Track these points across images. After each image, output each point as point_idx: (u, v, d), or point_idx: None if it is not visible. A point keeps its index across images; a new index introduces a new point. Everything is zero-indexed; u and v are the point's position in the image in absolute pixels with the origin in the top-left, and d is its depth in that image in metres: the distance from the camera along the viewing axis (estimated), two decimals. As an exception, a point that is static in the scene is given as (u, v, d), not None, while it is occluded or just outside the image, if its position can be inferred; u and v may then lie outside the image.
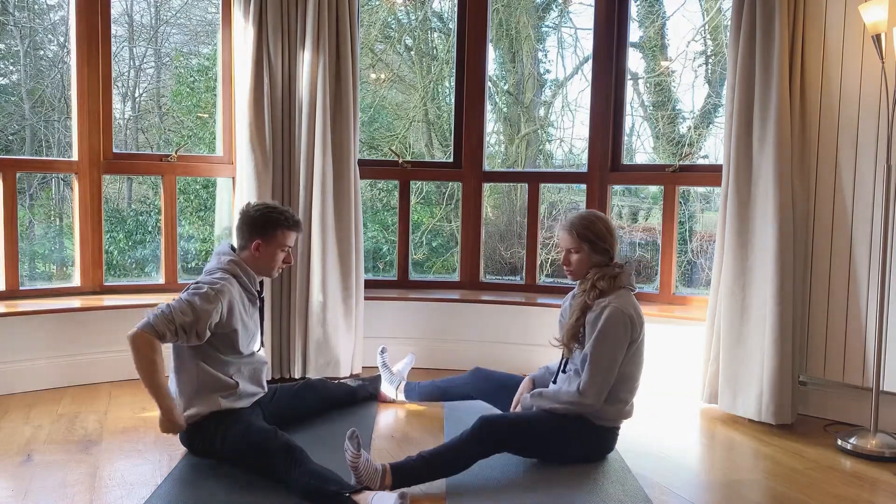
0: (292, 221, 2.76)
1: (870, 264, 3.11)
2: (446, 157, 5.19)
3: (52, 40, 5.72)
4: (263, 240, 2.71)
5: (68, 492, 2.38)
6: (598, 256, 2.71)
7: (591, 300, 2.65)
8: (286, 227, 2.73)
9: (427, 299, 4.07)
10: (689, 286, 5.47)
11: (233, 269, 2.68)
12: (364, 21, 6.11)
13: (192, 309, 2.50)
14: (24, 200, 5.47)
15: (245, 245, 2.74)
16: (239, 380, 2.68)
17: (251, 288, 2.74)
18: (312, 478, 2.32)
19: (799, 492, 2.54)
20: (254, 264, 2.74)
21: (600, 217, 2.76)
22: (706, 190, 5.39)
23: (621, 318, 2.58)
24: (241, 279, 2.69)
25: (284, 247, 2.76)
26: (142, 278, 5.70)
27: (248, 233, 2.72)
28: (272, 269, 2.78)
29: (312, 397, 3.15)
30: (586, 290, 2.68)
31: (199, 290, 2.55)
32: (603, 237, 2.70)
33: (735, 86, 3.28)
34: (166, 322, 2.47)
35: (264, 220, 2.71)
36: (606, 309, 2.59)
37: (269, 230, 2.71)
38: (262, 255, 2.73)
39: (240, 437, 2.53)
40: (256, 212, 2.73)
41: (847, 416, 3.25)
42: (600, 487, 2.51)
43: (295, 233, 2.78)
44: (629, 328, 2.60)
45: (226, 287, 2.59)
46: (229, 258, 2.71)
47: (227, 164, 4.01)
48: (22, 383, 3.44)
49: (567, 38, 6.46)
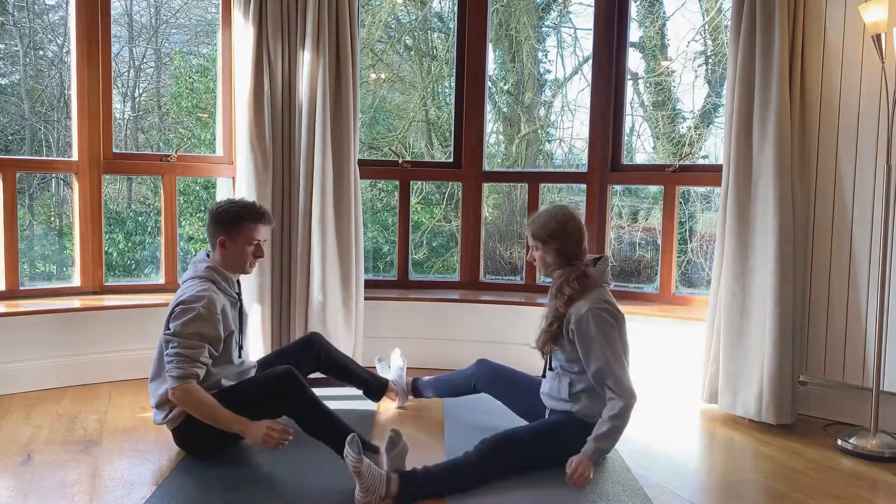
0: (256, 213, 2.74)
1: (870, 264, 3.11)
2: (446, 157, 5.19)
3: (52, 40, 5.72)
4: (227, 235, 2.70)
5: (68, 492, 2.38)
6: (552, 257, 2.64)
7: (564, 308, 2.59)
8: (249, 220, 2.72)
9: (427, 299, 4.07)
10: (690, 286, 5.48)
11: (209, 276, 2.68)
12: (364, 21, 6.11)
13: (201, 338, 2.53)
14: (23, 200, 5.47)
15: (214, 244, 2.74)
16: (223, 379, 2.69)
17: (230, 291, 2.74)
18: (325, 409, 2.54)
19: (799, 492, 2.54)
20: (226, 263, 2.73)
21: (558, 216, 2.65)
22: (706, 190, 5.39)
23: (602, 313, 2.55)
24: (218, 283, 2.69)
25: (252, 240, 2.73)
26: (141, 279, 5.70)
27: (214, 230, 2.73)
28: (244, 265, 2.76)
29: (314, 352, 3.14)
30: (555, 294, 2.64)
31: (189, 312, 2.54)
32: (555, 236, 2.62)
33: (735, 86, 3.28)
34: (190, 364, 2.50)
35: (227, 216, 2.71)
36: (587, 315, 2.53)
37: (233, 225, 2.70)
38: (231, 251, 2.72)
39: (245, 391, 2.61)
40: (219, 209, 2.73)
41: (847, 416, 3.25)
42: (600, 487, 2.51)
43: (260, 224, 2.76)
44: (614, 317, 2.58)
45: (211, 296, 2.59)
46: (205, 265, 2.71)
47: (227, 164, 4.01)
48: (22, 383, 3.44)
49: (567, 39, 6.46)
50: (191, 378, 2.49)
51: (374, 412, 3.26)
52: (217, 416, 2.52)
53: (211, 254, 2.77)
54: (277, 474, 2.55)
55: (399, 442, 2.35)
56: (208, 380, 2.63)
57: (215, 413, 2.52)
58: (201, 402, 2.51)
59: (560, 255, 2.63)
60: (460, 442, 2.69)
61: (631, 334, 3.75)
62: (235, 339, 2.76)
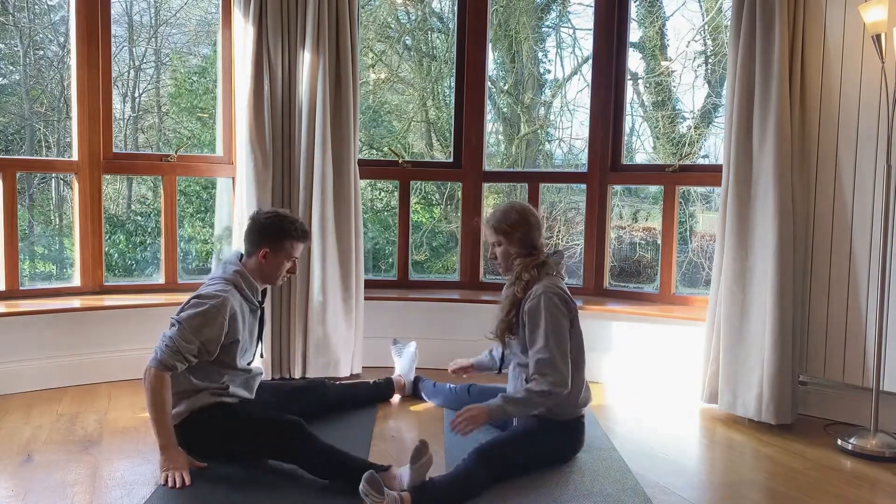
0: (302, 232, 2.74)
1: (870, 264, 3.11)
2: (446, 157, 5.19)
3: (52, 40, 5.72)
4: (272, 248, 2.69)
5: (68, 492, 2.38)
6: (516, 247, 2.72)
7: (521, 292, 2.66)
8: (295, 238, 2.71)
9: (427, 299, 4.07)
10: (690, 286, 5.47)
11: (235, 280, 2.67)
12: (364, 21, 6.11)
13: (196, 335, 2.51)
14: (23, 200, 5.47)
15: (252, 252, 2.71)
16: (230, 385, 2.69)
17: (252, 299, 2.73)
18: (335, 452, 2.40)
19: (799, 492, 2.54)
20: (258, 272, 2.72)
21: (517, 207, 2.75)
22: (706, 190, 5.39)
23: (553, 297, 2.60)
24: (242, 290, 2.68)
25: (291, 257, 2.74)
26: (142, 279, 5.70)
27: (258, 240, 2.70)
28: (276, 278, 2.76)
29: (309, 399, 3.13)
30: (514, 282, 2.70)
31: (201, 306, 2.54)
32: (517, 226, 2.71)
33: (735, 86, 3.28)
34: (173, 354, 2.48)
35: (275, 230, 2.69)
36: (540, 295, 2.60)
37: (279, 240, 2.69)
38: (269, 264, 2.71)
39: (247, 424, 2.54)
40: (267, 219, 2.71)
41: (847, 416, 3.25)
42: (600, 487, 2.51)
43: (303, 244, 2.77)
44: (565, 304, 2.63)
45: (227, 300, 2.58)
46: (234, 268, 2.69)
47: (227, 165, 4.01)
48: (22, 383, 3.44)
49: (567, 39, 6.46)
50: (167, 369, 2.47)
51: (375, 412, 3.27)
52: (159, 418, 2.48)
53: (245, 259, 2.75)
54: (278, 474, 2.54)
55: (425, 454, 2.32)
56: (214, 379, 2.63)
57: (160, 416, 2.48)
58: (160, 396, 2.47)
59: (522, 245, 2.72)
60: (460, 443, 2.69)
61: (631, 334, 3.78)
62: (249, 345, 2.75)
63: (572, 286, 2.93)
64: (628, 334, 3.79)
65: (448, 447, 2.82)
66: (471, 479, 2.41)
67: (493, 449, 2.52)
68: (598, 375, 3.76)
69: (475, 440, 2.57)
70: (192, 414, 2.59)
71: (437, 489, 2.34)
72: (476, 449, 2.49)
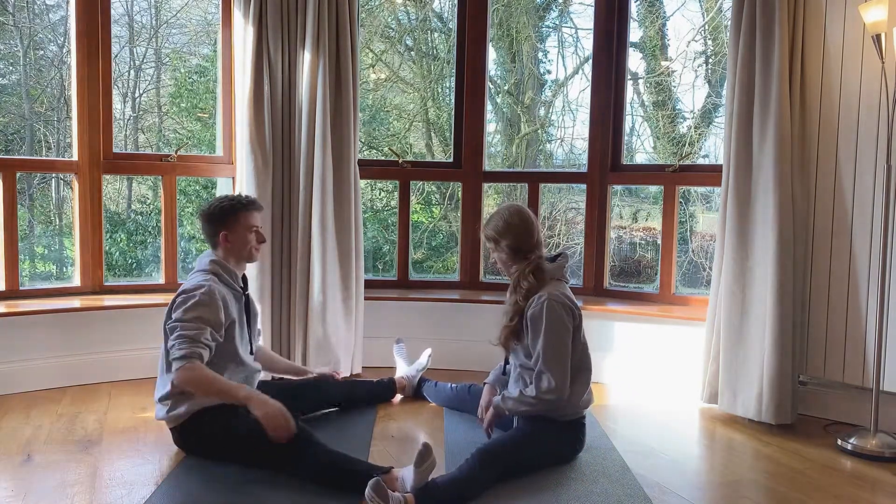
0: (247, 202, 2.84)
1: (870, 264, 3.11)
2: (446, 157, 5.19)
3: (52, 40, 5.72)
4: (228, 228, 2.78)
5: (68, 492, 2.38)
6: (506, 255, 2.70)
7: (523, 301, 2.64)
8: (242, 209, 2.81)
9: (427, 299, 4.07)
10: (690, 286, 5.47)
11: (213, 269, 2.75)
12: (364, 21, 6.11)
13: (203, 321, 2.57)
14: (24, 200, 5.47)
15: (216, 242, 2.81)
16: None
17: (233, 284, 2.79)
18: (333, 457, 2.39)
19: (799, 492, 2.54)
20: (231, 256, 2.80)
21: (504, 212, 2.72)
22: (706, 190, 5.38)
23: (556, 305, 2.59)
24: (222, 277, 2.75)
25: (251, 227, 2.82)
26: (142, 278, 5.70)
27: (213, 230, 2.80)
28: (249, 252, 2.84)
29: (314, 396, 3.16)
30: (514, 290, 2.69)
31: (190, 299, 2.59)
32: (503, 234, 2.68)
33: (735, 86, 3.28)
34: (193, 344, 2.52)
35: (221, 212, 2.80)
36: (543, 302, 2.58)
37: (229, 217, 2.79)
38: (234, 243, 2.79)
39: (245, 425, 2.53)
40: (211, 208, 2.82)
41: (847, 416, 3.25)
42: (600, 487, 2.51)
43: (254, 211, 2.85)
44: (569, 312, 2.62)
45: (211, 285, 2.65)
46: (209, 259, 2.78)
47: (227, 165, 4.01)
48: (22, 383, 3.44)
49: (567, 38, 6.46)
50: (194, 357, 2.51)
51: (375, 412, 3.27)
52: (223, 388, 2.54)
53: (214, 252, 2.83)
54: (278, 474, 2.54)
55: (429, 457, 2.31)
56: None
57: (221, 386, 2.54)
58: (207, 378, 2.52)
59: (513, 251, 2.69)
60: (461, 443, 2.69)
61: (631, 334, 3.78)
62: (241, 333, 2.78)
63: (572, 286, 2.93)
64: (628, 334, 3.79)
65: (449, 447, 2.82)
66: (473, 479, 2.41)
67: (495, 449, 2.53)
68: (598, 375, 3.73)
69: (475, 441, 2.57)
70: (193, 416, 2.60)
71: (440, 490, 2.34)
72: (478, 449, 2.49)
